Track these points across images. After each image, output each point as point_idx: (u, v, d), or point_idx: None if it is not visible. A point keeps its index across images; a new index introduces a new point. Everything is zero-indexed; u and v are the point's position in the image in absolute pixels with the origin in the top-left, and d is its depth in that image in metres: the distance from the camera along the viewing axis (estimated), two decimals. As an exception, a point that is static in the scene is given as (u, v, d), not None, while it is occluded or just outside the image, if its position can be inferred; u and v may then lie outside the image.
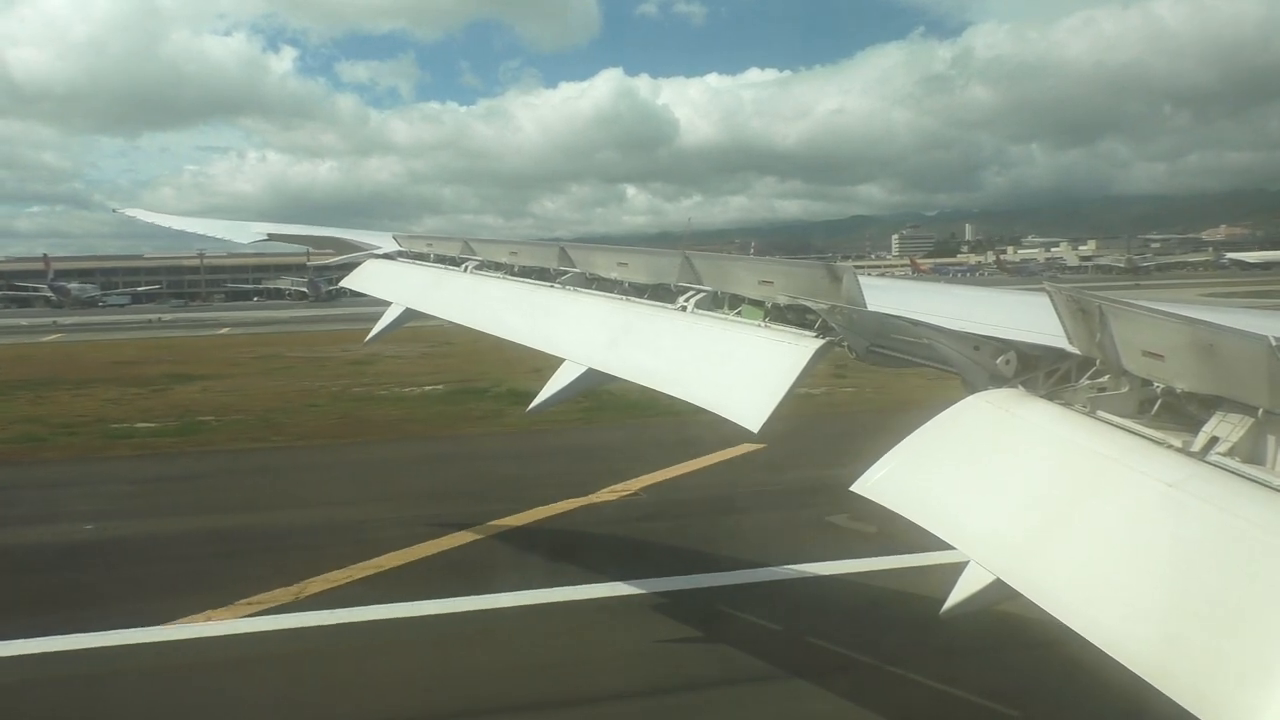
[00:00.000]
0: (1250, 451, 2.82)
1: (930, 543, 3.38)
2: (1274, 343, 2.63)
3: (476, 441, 22.08)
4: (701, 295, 5.90)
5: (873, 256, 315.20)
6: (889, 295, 5.27)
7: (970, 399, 3.92)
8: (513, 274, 8.59)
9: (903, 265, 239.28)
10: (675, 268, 6.20)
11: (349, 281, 11.15)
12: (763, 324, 5.23)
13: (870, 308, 4.56)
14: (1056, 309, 3.67)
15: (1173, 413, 3.26)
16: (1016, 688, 9.09)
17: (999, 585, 3.07)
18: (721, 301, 5.76)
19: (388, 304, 9.91)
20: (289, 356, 43.94)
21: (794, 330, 5.00)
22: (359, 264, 11.33)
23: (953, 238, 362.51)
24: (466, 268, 9.40)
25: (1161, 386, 3.30)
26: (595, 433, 22.32)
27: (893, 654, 9.15)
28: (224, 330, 68.70)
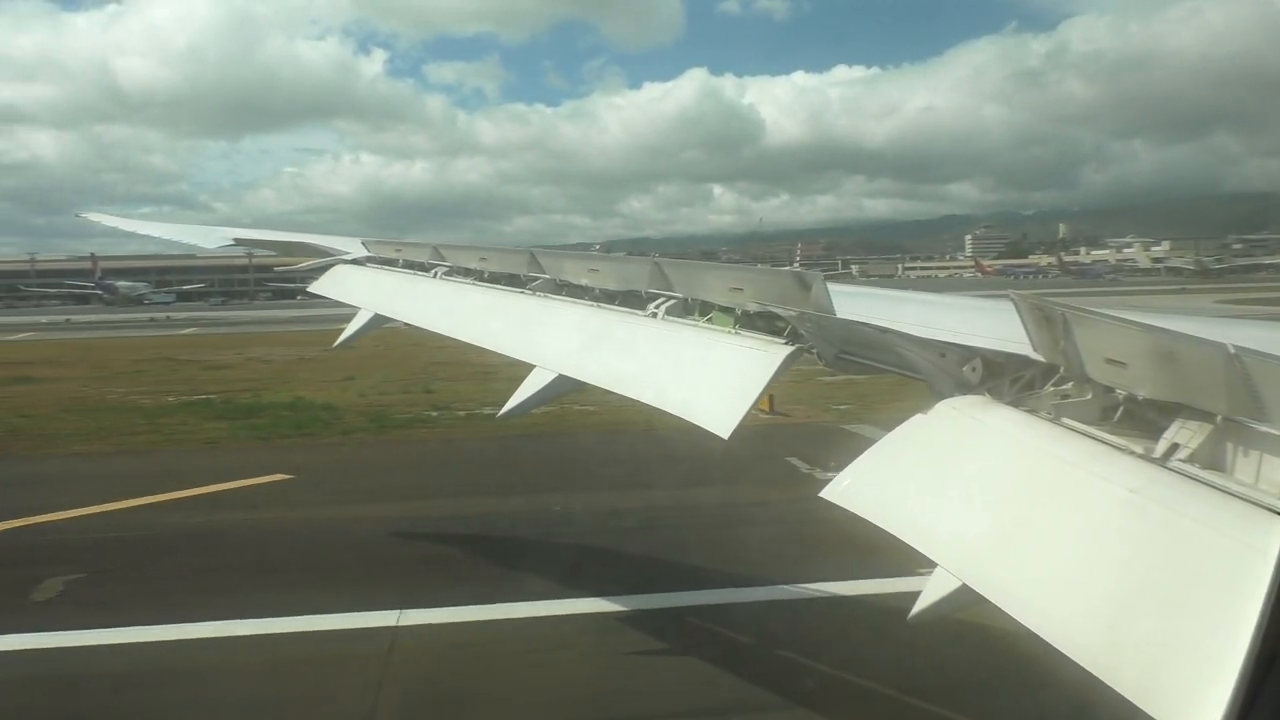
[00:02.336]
0: (1210, 457, 2.87)
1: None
2: (1232, 350, 2.67)
3: (19, 464, 21.46)
4: (672, 302, 5.91)
5: (947, 257, 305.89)
6: (859, 303, 5.31)
7: (937, 406, 3.96)
8: (482, 280, 8.55)
9: (966, 267, 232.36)
10: (645, 274, 6.21)
11: (316, 287, 11.02)
12: (733, 331, 5.25)
13: (839, 315, 4.59)
14: (1021, 316, 3.71)
15: (1135, 419, 3.31)
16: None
17: (965, 590, 3.09)
18: (692, 308, 5.77)
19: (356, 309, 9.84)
20: (175, 360, 45.51)
21: (764, 337, 5.02)
22: (327, 269, 11.23)
23: (1025, 238, 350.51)
24: (435, 273, 9.34)
25: (1124, 393, 3.35)
26: (157, 456, 22.21)
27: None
28: (189, 330, 69.71)
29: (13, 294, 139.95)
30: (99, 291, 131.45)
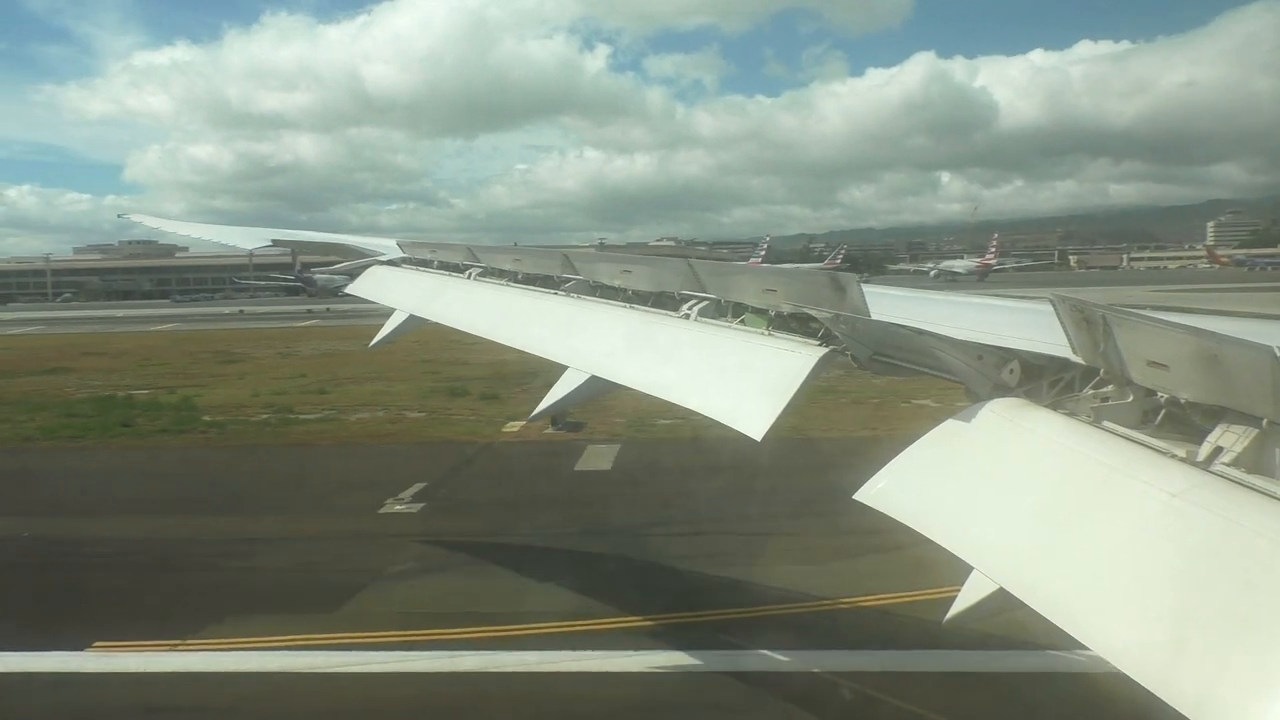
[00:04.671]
0: (1254, 461, 2.81)
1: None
2: (1278, 353, 2.62)
3: None
4: (705, 303, 5.91)
5: (1186, 246, 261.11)
6: (895, 305, 5.27)
7: (974, 408, 3.91)
8: (516, 281, 8.61)
9: (1199, 257, 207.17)
10: (679, 276, 6.21)
11: (354, 288, 11.16)
12: (766, 332, 5.23)
13: (874, 317, 4.56)
14: (1060, 319, 3.66)
15: (1177, 423, 3.25)
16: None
17: (1003, 594, 3.06)
18: (725, 310, 5.76)
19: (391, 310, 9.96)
20: (227, 352, 48.20)
21: (797, 339, 4.99)
22: (364, 269, 11.37)
23: (1275, 224, 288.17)
24: (470, 274, 9.41)
25: (1165, 396, 3.29)
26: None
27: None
28: (308, 323, 71.43)
29: (231, 286, 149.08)
30: (300, 284, 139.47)
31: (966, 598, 3.21)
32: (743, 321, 5.50)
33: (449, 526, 16.39)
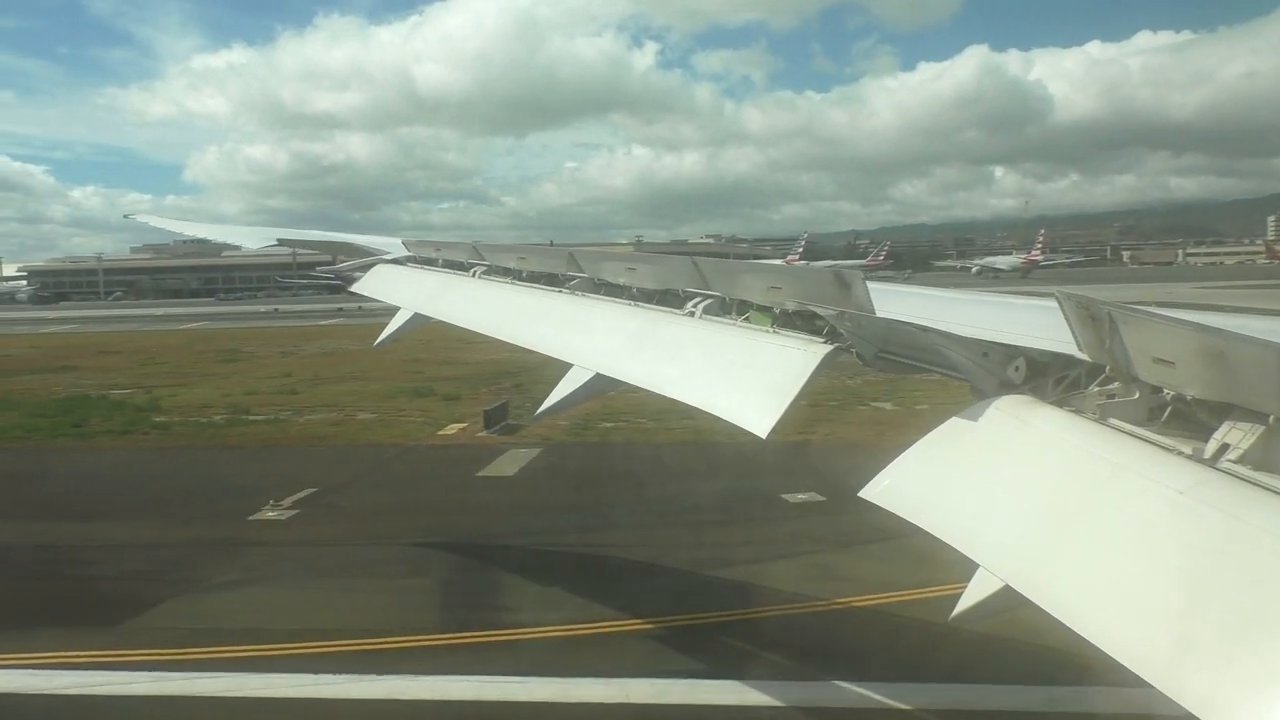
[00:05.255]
0: (1261, 458, 2.80)
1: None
2: None
3: None
4: (710, 301, 5.91)
5: (1245, 241, 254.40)
6: (900, 302, 5.26)
7: (979, 405, 3.91)
8: (521, 279, 8.62)
9: (1258, 253, 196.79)
10: (683, 273, 6.21)
11: (359, 287, 11.21)
12: (771, 329, 5.23)
13: (879, 314, 4.55)
14: (1066, 316, 3.65)
15: (1183, 420, 3.24)
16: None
17: (1008, 591, 3.06)
18: (730, 307, 5.76)
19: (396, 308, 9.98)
20: (235, 351, 48.78)
21: (802, 336, 4.99)
22: (370, 268, 11.40)
23: None
24: (475, 273, 9.42)
25: (1171, 393, 3.28)
26: None
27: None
28: (332, 321, 71.02)
29: (273, 284, 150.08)
30: (340, 281, 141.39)
31: (972, 595, 3.21)
32: (748, 319, 5.50)
33: (310, 535, 15.81)
